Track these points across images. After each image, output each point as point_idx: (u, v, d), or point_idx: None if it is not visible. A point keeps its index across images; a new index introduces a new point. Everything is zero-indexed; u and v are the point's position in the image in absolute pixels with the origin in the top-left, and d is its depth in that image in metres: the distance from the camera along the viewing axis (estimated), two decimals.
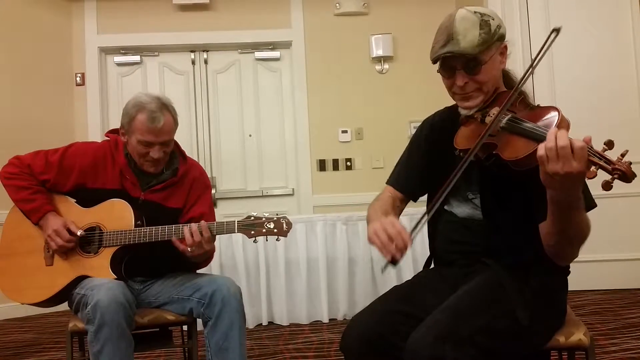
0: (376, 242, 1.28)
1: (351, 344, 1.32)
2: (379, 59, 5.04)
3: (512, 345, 1.28)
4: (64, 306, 2.03)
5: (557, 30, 1.27)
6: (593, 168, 1.09)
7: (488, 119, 1.35)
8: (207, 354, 1.91)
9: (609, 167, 1.07)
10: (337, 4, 5.05)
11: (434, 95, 4.57)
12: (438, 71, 1.45)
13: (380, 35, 4.98)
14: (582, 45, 3.98)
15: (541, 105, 1.36)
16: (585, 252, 1.33)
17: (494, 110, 1.34)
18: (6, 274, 2.01)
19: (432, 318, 1.25)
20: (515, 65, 3.53)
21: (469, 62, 1.37)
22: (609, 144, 1.09)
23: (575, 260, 1.34)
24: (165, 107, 1.98)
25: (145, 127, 1.93)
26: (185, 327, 2.19)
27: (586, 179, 1.13)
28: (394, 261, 1.25)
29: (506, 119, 1.31)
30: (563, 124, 1.21)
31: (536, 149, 1.15)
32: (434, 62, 1.44)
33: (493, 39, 1.38)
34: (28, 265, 1.99)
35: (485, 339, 1.21)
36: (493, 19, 1.39)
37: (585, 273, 3.65)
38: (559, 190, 1.15)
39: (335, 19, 5.08)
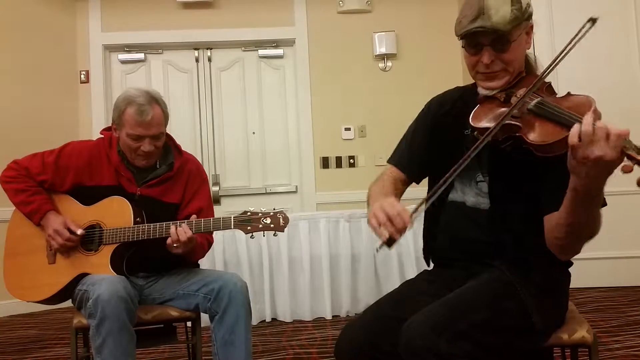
0: (373, 223, 1.22)
1: (343, 352, 1.31)
2: (382, 57, 5.04)
3: (512, 342, 1.25)
4: (68, 303, 2.05)
5: (593, 20, 1.22)
6: (629, 162, 1.04)
7: (514, 99, 1.28)
8: (213, 348, 1.93)
9: None
10: (340, 2, 5.05)
11: (437, 93, 4.60)
12: (463, 47, 1.38)
13: (383, 33, 4.97)
14: (584, 43, 3.95)
15: (572, 93, 1.29)
16: (588, 249, 1.32)
17: (521, 91, 1.28)
18: (11, 273, 2.03)
19: (432, 308, 1.22)
20: None
21: (498, 39, 1.31)
22: None
23: (578, 257, 1.32)
24: (154, 100, 1.98)
25: (134, 120, 1.93)
26: (189, 324, 2.20)
27: (622, 173, 1.05)
28: (390, 241, 1.19)
29: (534, 101, 1.25)
30: (596, 113, 1.14)
31: (566, 136, 1.09)
32: (461, 37, 1.35)
33: (524, 17, 1.32)
34: (31, 264, 2.01)
35: (483, 335, 1.19)
36: None
37: (588, 270, 3.65)
38: (584, 178, 1.09)
39: (339, 16, 5.08)
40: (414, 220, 1.22)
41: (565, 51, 1.25)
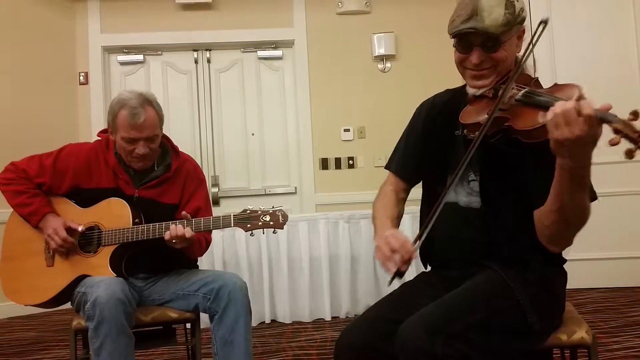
0: (379, 257, 1.32)
1: (343, 354, 1.31)
2: (381, 58, 5.04)
3: (509, 343, 1.25)
4: (67, 304, 2.04)
5: (544, 22, 1.24)
6: (616, 136, 1.04)
7: (501, 92, 1.30)
8: (212, 348, 1.93)
9: (635, 136, 1.02)
10: (339, 3, 5.05)
11: (436, 94, 4.60)
12: (454, 45, 1.39)
13: (382, 34, 4.98)
14: (584, 43, 3.97)
15: (558, 83, 1.32)
16: (588, 250, 1.32)
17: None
18: (9, 277, 2.03)
19: (427, 310, 1.23)
20: None
21: (488, 40, 1.32)
22: (635, 114, 1.04)
23: (577, 258, 1.32)
24: (147, 102, 1.96)
25: (127, 123, 1.92)
26: (188, 325, 2.20)
27: (609, 145, 1.05)
28: (399, 273, 1.26)
29: (522, 92, 1.27)
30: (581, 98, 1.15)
31: None
32: (453, 36, 1.37)
33: (516, 21, 1.33)
34: (29, 267, 2.00)
35: (479, 336, 1.19)
36: (517, 1, 1.34)
37: (588, 271, 3.64)
38: (568, 157, 1.11)
39: (338, 17, 5.08)
40: (418, 248, 1.31)
41: (526, 54, 1.29)
